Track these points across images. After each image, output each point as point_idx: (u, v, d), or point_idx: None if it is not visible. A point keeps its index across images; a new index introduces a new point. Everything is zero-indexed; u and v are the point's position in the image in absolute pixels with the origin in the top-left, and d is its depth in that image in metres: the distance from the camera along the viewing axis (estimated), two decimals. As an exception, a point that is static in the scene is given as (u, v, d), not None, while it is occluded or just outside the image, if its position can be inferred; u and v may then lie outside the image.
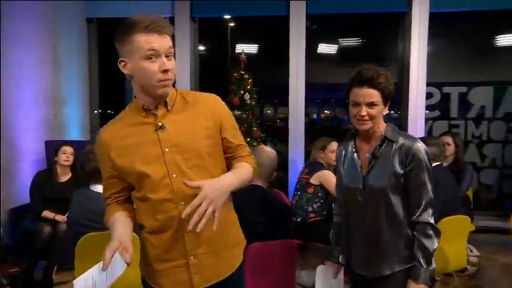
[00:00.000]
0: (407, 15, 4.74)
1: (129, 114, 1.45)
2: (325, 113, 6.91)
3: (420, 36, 4.66)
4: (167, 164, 1.37)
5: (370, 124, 1.62)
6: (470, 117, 5.19)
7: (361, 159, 1.71)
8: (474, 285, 3.54)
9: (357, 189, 1.69)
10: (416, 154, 1.60)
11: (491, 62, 5.47)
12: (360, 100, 1.59)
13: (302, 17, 4.75)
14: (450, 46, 5.36)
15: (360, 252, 1.74)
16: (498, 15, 4.99)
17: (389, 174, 1.61)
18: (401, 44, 4.96)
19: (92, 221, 2.37)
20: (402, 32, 4.90)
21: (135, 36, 1.30)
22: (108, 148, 1.41)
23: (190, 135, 1.40)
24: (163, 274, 1.44)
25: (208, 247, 1.42)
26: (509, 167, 5.18)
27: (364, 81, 1.58)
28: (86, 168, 2.49)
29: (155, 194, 1.37)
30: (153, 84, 1.33)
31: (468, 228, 2.92)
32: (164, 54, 1.32)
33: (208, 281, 1.44)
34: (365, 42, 6.01)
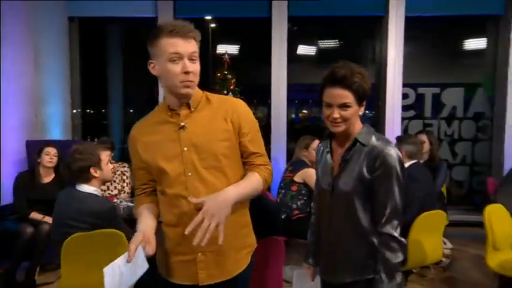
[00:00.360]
0: (384, 19, 4.85)
1: (157, 113, 1.53)
2: (303, 112, 6.98)
3: (396, 39, 4.77)
4: (184, 162, 1.43)
5: (343, 126, 1.47)
6: (443, 116, 5.34)
7: (334, 161, 1.58)
8: (448, 277, 3.63)
9: (327, 191, 1.57)
10: (386, 159, 1.44)
11: (462, 64, 5.65)
12: (332, 101, 1.45)
13: (284, 18, 4.78)
14: (424, 49, 5.48)
15: (324, 255, 1.64)
16: (466, 20, 5.17)
17: (356, 178, 1.47)
18: (378, 46, 5.07)
19: (79, 221, 2.31)
20: (379, 35, 5.01)
21: (160, 40, 1.37)
22: (136, 142, 1.52)
23: (208, 136, 1.45)
24: (174, 266, 1.50)
25: (215, 246, 1.40)
26: (479, 164, 5.37)
27: (337, 80, 1.42)
28: (72, 168, 2.42)
29: (171, 189, 1.45)
30: (176, 85, 1.39)
31: (444, 222, 3.00)
32: (187, 57, 1.38)
33: (213, 278, 1.48)
34: (343, 44, 6.09)
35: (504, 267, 2.82)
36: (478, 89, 5.31)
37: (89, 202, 2.36)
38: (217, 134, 1.45)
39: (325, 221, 1.61)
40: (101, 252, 2.33)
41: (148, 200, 1.57)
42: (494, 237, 2.86)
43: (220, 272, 1.49)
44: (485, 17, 5.08)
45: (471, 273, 3.74)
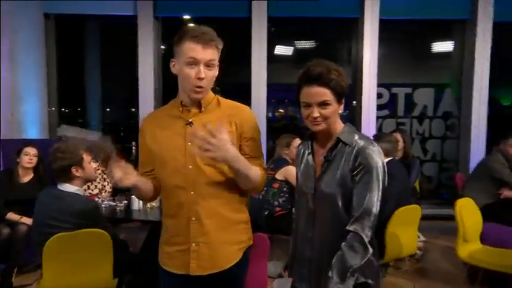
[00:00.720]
0: (359, 21, 4.92)
1: (170, 107, 1.59)
2: (279, 111, 7.03)
3: (371, 40, 4.86)
4: (186, 156, 1.48)
5: (323, 125, 1.40)
6: (414, 115, 5.48)
7: (315, 162, 1.49)
8: (420, 267, 3.75)
9: (308, 194, 1.48)
10: (367, 158, 1.36)
11: (432, 65, 5.82)
12: (311, 100, 1.37)
13: (264, 19, 4.78)
14: (397, 50, 5.62)
15: (306, 265, 1.51)
16: (436, 24, 5.32)
17: (340, 179, 1.39)
18: (354, 47, 5.14)
19: (61, 221, 2.24)
20: (355, 36, 5.08)
21: (183, 43, 1.43)
22: (146, 133, 1.57)
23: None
24: (169, 256, 1.56)
25: (208, 238, 1.51)
26: (447, 160, 5.55)
27: (313, 78, 1.35)
28: (53, 167, 2.34)
29: (171, 179, 1.50)
30: (189, 88, 1.46)
31: (419, 216, 3.08)
32: (204, 64, 1.42)
33: (204, 269, 1.52)
34: (320, 44, 6.16)
35: (473, 257, 2.93)
36: (446, 90, 5.50)
37: (71, 201, 2.29)
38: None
39: (305, 227, 1.50)
40: (85, 252, 2.28)
41: (151, 180, 1.61)
42: (465, 229, 2.97)
43: (211, 263, 1.52)
44: (452, 21, 5.25)
45: (442, 263, 3.87)
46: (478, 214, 3.13)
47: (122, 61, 5.97)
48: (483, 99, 5.07)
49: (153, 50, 4.75)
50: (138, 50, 4.68)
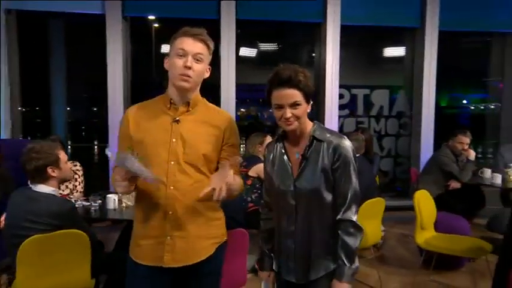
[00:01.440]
0: (322, 26, 5.03)
1: (157, 102, 1.58)
2: (241, 111, 7.07)
3: (333, 44, 4.99)
4: (170, 152, 1.49)
5: (296, 124, 1.45)
6: (372, 115, 5.70)
7: (291, 161, 1.53)
8: (381, 255, 3.92)
9: (288, 192, 1.51)
10: (343, 152, 1.45)
11: (387, 69, 6.09)
12: (283, 102, 1.42)
13: (232, 21, 4.76)
14: (356, 54, 5.81)
15: (291, 257, 1.55)
16: (390, 31, 5.57)
17: (320, 173, 1.46)
18: (317, 50, 5.25)
19: (36, 223, 2.13)
20: (318, 40, 5.18)
21: (176, 39, 1.49)
22: (129, 122, 1.55)
23: (197, 135, 1.52)
24: (143, 249, 1.53)
25: (184, 232, 1.52)
26: (401, 156, 5.83)
27: (284, 81, 1.41)
28: (28, 168, 2.20)
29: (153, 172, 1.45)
30: (175, 76, 1.47)
31: (383, 208, 3.21)
32: (192, 56, 1.46)
33: (177, 262, 1.52)
34: (283, 47, 6.24)
35: (429, 243, 3.10)
36: (400, 91, 5.77)
37: (46, 203, 2.17)
38: (204, 136, 1.53)
39: (288, 223, 1.53)
40: (62, 253, 2.18)
41: None
42: (422, 218, 3.13)
43: (184, 256, 1.52)
44: (404, 29, 5.50)
45: (399, 250, 4.08)
46: (433, 204, 3.32)
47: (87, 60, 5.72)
48: (431, 100, 5.39)
49: (122, 50, 4.58)
50: (107, 49, 4.50)
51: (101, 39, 4.56)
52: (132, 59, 4.92)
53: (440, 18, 5.20)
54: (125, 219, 3.01)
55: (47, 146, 2.25)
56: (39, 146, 2.24)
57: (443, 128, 5.44)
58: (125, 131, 1.57)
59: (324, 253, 1.50)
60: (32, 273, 2.13)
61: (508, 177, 4.05)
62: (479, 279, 3.14)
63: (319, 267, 1.51)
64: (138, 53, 5.37)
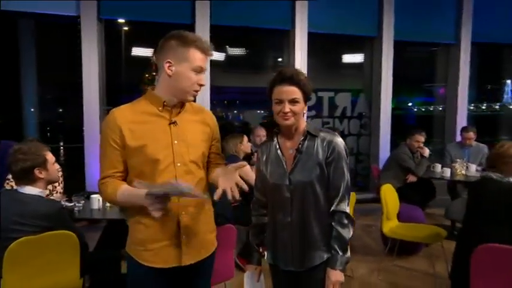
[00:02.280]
0: (291, 32, 5.12)
1: (144, 104, 1.47)
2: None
3: (301, 50, 5.11)
4: (174, 154, 1.44)
5: (293, 120, 1.47)
6: (336, 115, 5.90)
7: (285, 156, 1.55)
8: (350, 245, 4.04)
9: (282, 186, 1.53)
10: (336, 147, 1.50)
11: (349, 74, 6.31)
12: (283, 97, 1.46)
13: (207, 25, 4.72)
14: (322, 60, 5.95)
15: (288, 247, 1.57)
16: (352, 39, 5.76)
17: (314, 166, 1.49)
18: (286, 55, 5.34)
19: (24, 225, 2.03)
20: (287, 46, 5.28)
21: (191, 50, 1.41)
22: (120, 128, 1.40)
23: (195, 135, 1.51)
24: (155, 252, 1.46)
25: (195, 229, 1.50)
26: (362, 154, 6.07)
27: (286, 79, 1.46)
28: (14, 169, 2.09)
29: (161, 177, 1.41)
30: (188, 91, 1.44)
31: (354, 201, 3.32)
32: (203, 72, 1.46)
33: (194, 258, 1.50)
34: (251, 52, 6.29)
35: (394, 232, 3.28)
36: (360, 94, 6.01)
37: (35, 205, 2.07)
38: (201, 135, 1.54)
39: (284, 216, 1.55)
40: (51, 254, 2.09)
41: (124, 183, 1.44)
42: (388, 209, 3.30)
43: (199, 253, 1.52)
44: (364, 38, 5.73)
45: (365, 240, 4.26)
46: (396, 197, 3.51)
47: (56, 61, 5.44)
48: (388, 103, 5.69)
49: (98, 51, 4.41)
50: (82, 51, 4.30)
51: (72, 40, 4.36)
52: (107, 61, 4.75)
53: (395, 29, 5.49)
54: (104, 219, 2.92)
55: (34, 147, 2.14)
56: (26, 147, 2.12)
57: (392, 128, 5.74)
58: (116, 140, 1.41)
59: (319, 243, 1.53)
60: (20, 275, 2.02)
61: (456, 171, 4.37)
62: (436, 261, 3.35)
63: (315, 256, 1.53)
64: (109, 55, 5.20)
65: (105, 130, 1.44)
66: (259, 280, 1.70)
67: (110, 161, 1.43)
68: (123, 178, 1.46)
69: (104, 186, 1.43)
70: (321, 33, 5.24)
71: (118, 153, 1.42)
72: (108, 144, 1.42)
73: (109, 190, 1.42)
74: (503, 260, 1.94)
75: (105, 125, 1.44)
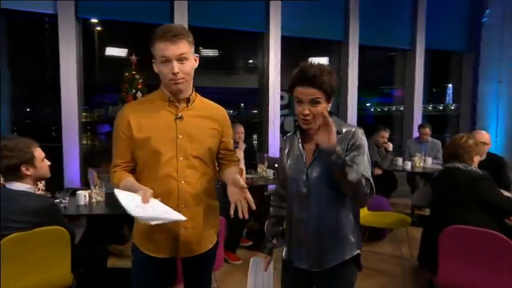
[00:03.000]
0: (265, 35, 5.18)
1: (153, 99, 1.49)
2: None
3: (275, 52, 5.18)
4: (177, 148, 1.43)
5: (312, 125, 1.35)
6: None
7: (306, 151, 1.46)
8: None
9: (300, 180, 1.44)
10: (357, 136, 1.40)
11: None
12: (303, 98, 1.35)
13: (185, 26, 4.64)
14: (294, 62, 5.96)
15: (303, 245, 1.47)
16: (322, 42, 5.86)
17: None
18: (260, 57, 5.39)
19: (15, 222, 1.96)
20: (261, 48, 5.32)
21: (155, 44, 1.38)
22: (129, 121, 1.43)
23: (201, 130, 1.49)
24: (157, 243, 1.48)
25: (195, 223, 1.49)
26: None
27: (307, 80, 1.33)
28: (1, 165, 1.98)
29: (162, 170, 1.42)
30: (166, 83, 1.42)
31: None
32: (176, 59, 1.36)
33: (190, 252, 1.51)
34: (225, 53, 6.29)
35: (365, 220, 3.39)
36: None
37: (25, 201, 1.99)
38: (208, 131, 1.51)
39: (301, 211, 1.46)
40: (43, 251, 2.03)
41: (130, 175, 1.46)
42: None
43: (197, 246, 1.52)
44: (332, 42, 5.86)
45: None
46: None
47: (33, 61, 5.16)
48: (354, 103, 5.89)
49: (76, 51, 4.22)
50: (60, 50, 4.09)
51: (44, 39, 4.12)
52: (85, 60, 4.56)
53: (359, 34, 5.69)
54: (83, 215, 2.84)
55: (22, 144, 2.04)
56: (13, 143, 2.03)
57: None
58: (125, 132, 1.44)
59: (336, 242, 1.42)
60: (13, 271, 1.93)
61: (415, 164, 4.64)
62: (401, 245, 3.55)
63: (332, 256, 1.42)
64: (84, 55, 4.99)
65: (116, 123, 1.48)
66: (267, 270, 1.62)
67: (119, 151, 1.47)
68: (132, 168, 1.49)
69: (112, 176, 1.48)
70: (293, 36, 5.31)
71: (126, 144, 1.45)
72: (118, 136, 1.46)
73: (115, 180, 1.45)
74: (468, 240, 2.08)
75: (117, 118, 1.48)
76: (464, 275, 2.11)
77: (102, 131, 6.51)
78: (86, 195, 2.74)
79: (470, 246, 2.08)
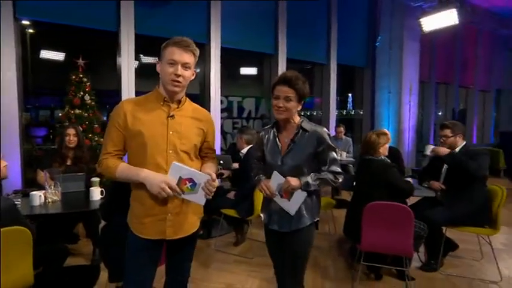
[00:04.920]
0: (207, 47, 5.19)
1: (149, 98, 1.54)
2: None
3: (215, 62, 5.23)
4: (168, 142, 1.48)
5: (285, 114, 1.61)
6: (244, 116, 6.20)
7: (281, 143, 1.69)
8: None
9: (276, 165, 1.67)
10: (323, 137, 1.63)
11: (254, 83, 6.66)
12: (279, 94, 1.59)
13: (132, 34, 4.45)
14: (232, 71, 6.16)
15: (276, 212, 1.70)
16: (256, 54, 6.01)
17: (304, 154, 1.62)
18: (202, 66, 5.37)
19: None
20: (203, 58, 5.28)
21: (168, 47, 1.47)
22: (126, 114, 1.47)
23: (189, 129, 1.54)
24: (147, 226, 1.52)
25: (180, 209, 1.53)
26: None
27: (285, 81, 1.58)
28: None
29: (154, 160, 1.46)
30: (167, 82, 1.47)
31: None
32: (181, 64, 1.45)
33: (176, 234, 1.55)
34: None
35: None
36: (262, 100, 6.44)
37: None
38: (194, 129, 1.56)
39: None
40: (6, 252, 1.80)
41: (123, 161, 1.52)
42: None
43: (182, 230, 1.56)
44: (264, 54, 6.09)
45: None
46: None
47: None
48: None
49: (16, 52, 3.75)
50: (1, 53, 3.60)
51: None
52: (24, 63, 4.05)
53: (287, 48, 6.03)
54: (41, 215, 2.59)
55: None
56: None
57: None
58: (120, 122, 1.48)
59: (304, 212, 1.67)
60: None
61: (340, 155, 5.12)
62: (326, 224, 3.91)
63: (299, 221, 1.67)
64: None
65: (112, 116, 1.50)
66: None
67: (112, 140, 1.49)
68: (121, 157, 1.53)
69: (106, 161, 1.49)
70: (230, 48, 5.41)
71: (120, 134, 1.48)
72: (113, 127, 1.49)
73: (110, 164, 1.47)
74: (383, 212, 2.44)
75: (113, 112, 1.51)
76: (379, 239, 2.47)
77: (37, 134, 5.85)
78: (41, 196, 2.49)
79: (385, 217, 2.43)
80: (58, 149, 3.09)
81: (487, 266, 3.12)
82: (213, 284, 2.76)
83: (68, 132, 3.06)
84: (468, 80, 9.45)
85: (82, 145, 3.13)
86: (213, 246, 3.49)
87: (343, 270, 3.01)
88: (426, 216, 2.85)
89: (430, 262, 3.01)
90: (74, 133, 3.07)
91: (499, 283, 2.82)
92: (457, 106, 9.30)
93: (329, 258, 3.27)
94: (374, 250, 2.55)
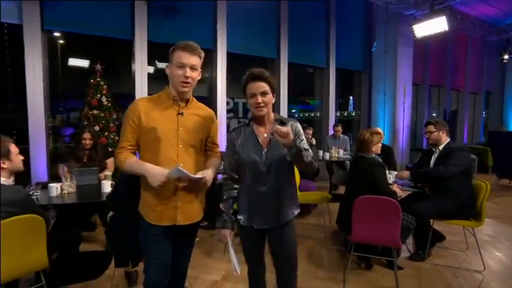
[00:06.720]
0: (213, 52, 5.16)
1: (160, 97, 1.57)
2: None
3: (222, 66, 5.21)
4: (178, 137, 1.52)
5: (265, 110, 1.49)
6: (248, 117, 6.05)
7: (261, 139, 1.54)
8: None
9: (260, 162, 1.51)
10: (300, 130, 1.56)
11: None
12: (256, 91, 1.46)
13: (144, 42, 4.46)
14: (238, 74, 6.08)
15: (265, 210, 1.54)
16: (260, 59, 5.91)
17: None
18: (209, 70, 5.35)
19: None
20: (210, 63, 5.27)
21: (176, 51, 1.50)
22: (140, 112, 1.50)
23: (196, 125, 1.58)
24: (158, 214, 1.54)
25: (189, 198, 1.57)
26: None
27: (256, 76, 1.47)
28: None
29: (166, 153, 1.49)
30: (177, 83, 1.51)
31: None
32: (189, 67, 1.49)
33: (186, 220, 1.57)
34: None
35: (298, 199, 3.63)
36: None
37: (2, 193, 1.76)
38: (201, 126, 1.59)
39: (261, 186, 1.52)
40: (21, 238, 1.80)
41: (134, 156, 1.53)
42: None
43: (190, 216, 1.58)
44: (267, 59, 6.03)
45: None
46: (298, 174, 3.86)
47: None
48: (285, 109, 6.14)
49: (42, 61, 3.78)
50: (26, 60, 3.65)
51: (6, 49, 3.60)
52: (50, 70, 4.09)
53: (288, 53, 5.97)
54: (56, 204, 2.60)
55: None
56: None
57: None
58: (135, 120, 1.51)
59: (290, 203, 1.56)
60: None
61: (332, 154, 5.03)
62: (322, 216, 3.86)
63: (287, 214, 1.55)
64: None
65: (127, 113, 1.53)
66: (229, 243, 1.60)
67: (126, 136, 1.51)
68: (134, 151, 1.55)
69: (119, 154, 1.52)
70: (235, 53, 5.37)
71: (134, 130, 1.51)
72: (127, 123, 1.52)
73: (121, 157, 1.50)
74: (372, 204, 2.37)
75: (128, 110, 1.54)
76: (369, 231, 2.40)
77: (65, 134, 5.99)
78: (57, 187, 2.51)
79: (374, 210, 2.37)
80: (75, 148, 3.17)
81: (472, 257, 3.02)
82: (214, 270, 2.73)
83: (84, 136, 3.15)
84: (459, 83, 9.26)
85: (97, 145, 3.21)
86: (215, 237, 3.46)
87: (337, 260, 2.95)
88: (415, 209, 2.78)
89: (418, 252, 2.93)
90: (89, 137, 3.16)
91: (483, 272, 2.73)
92: (448, 107, 9.08)
93: (324, 248, 3.21)
94: (364, 242, 2.48)
